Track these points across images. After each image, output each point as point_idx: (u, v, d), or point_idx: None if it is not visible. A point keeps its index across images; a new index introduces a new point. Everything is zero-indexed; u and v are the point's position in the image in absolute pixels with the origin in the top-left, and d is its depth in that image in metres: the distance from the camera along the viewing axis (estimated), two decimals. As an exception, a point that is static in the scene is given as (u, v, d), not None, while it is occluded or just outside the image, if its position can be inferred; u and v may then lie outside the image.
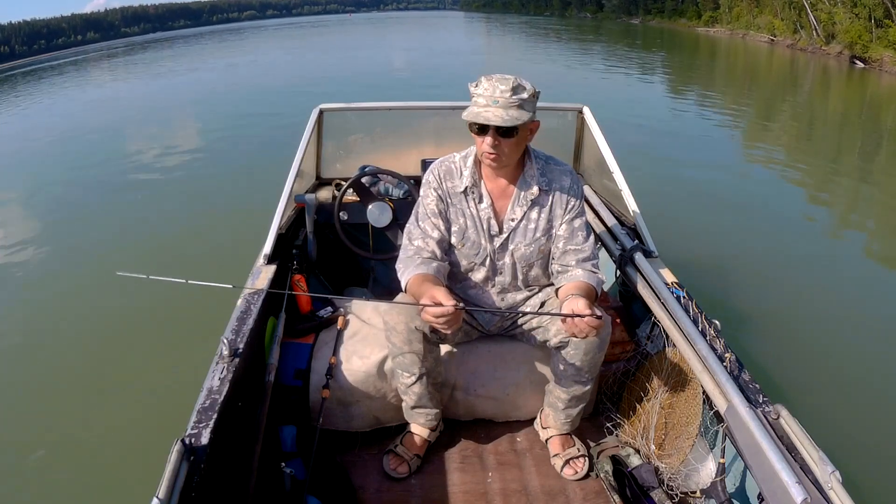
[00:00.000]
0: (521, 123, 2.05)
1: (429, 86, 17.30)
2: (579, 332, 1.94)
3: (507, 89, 2.02)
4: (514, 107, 2.03)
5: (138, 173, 9.87)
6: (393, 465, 2.50)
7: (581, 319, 1.91)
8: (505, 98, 2.02)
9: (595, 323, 1.90)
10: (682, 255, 4.31)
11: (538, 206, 2.31)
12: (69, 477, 3.40)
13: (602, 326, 1.95)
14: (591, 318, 1.89)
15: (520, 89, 2.05)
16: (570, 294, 2.07)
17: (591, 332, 1.93)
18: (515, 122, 2.02)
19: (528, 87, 2.07)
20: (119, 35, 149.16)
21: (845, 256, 6.29)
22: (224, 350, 2.18)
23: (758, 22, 40.46)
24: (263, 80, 22.57)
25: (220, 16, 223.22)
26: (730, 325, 2.70)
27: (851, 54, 27.24)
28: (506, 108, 2.02)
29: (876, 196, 8.61)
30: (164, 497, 1.55)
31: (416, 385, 2.39)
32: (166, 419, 3.20)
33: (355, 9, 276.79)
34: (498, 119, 2.01)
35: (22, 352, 4.71)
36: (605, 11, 76.58)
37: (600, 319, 1.91)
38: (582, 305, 1.93)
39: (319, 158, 3.91)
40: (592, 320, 1.89)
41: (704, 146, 10.85)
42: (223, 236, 6.50)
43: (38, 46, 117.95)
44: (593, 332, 1.93)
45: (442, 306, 1.89)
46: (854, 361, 4.22)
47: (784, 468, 1.73)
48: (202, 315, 4.06)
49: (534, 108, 2.11)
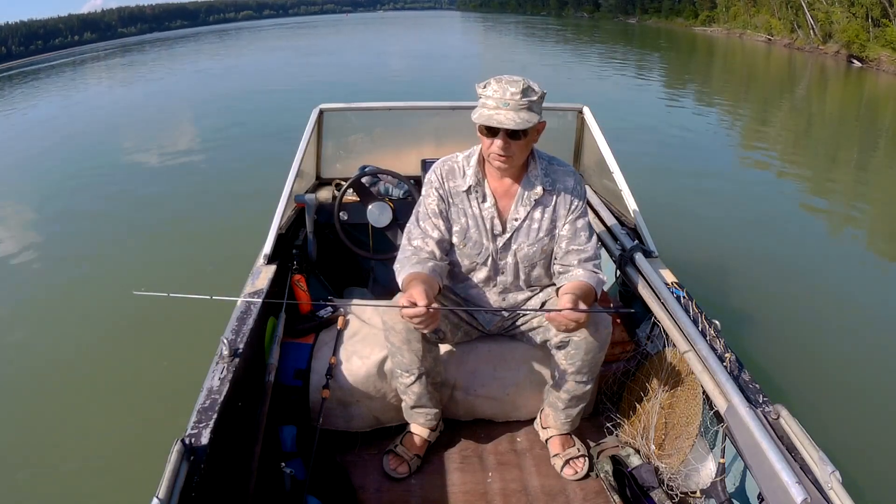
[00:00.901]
0: (532, 125, 2.05)
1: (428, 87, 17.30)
2: (558, 326, 2.02)
3: (517, 91, 2.03)
4: (525, 109, 2.04)
5: (137, 174, 9.86)
6: (393, 465, 2.50)
7: (559, 314, 1.96)
8: (515, 100, 2.03)
9: (573, 316, 1.95)
10: (682, 255, 4.32)
11: (542, 207, 2.31)
12: (69, 477, 3.40)
13: (581, 319, 1.99)
14: (568, 311, 1.94)
15: (529, 91, 2.05)
16: (566, 293, 2.09)
17: (569, 324, 1.99)
18: (527, 125, 2.03)
19: (536, 88, 2.08)
20: (116, 35, 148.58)
21: (845, 256, 6.30)
22: (224, 350, 2.18)
23: (755, 21, 40.54)
24: (254, 83, 22.42)
25: (217, 16, 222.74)
26: (730, 325, 2.70)
27: (849, 53, 27.30)
28: (517, 111, 2.03)
29: (875, 196, 8.64)
30: (164, 497, 1.55)
31: (416, 385, 2.40)
32: (166, 419, 3.20)
33: (352, 9, 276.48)
34: (510, 122, 2.02)
35: (22, 352, 4.71)
36: (602, 11, 76.70)
37: (581, 313, 1.95)
38: (565, 301, 1.98)
39: (319, 158, 3.91)
40: (570, 313, 1.94)
41: (703, 146, 10.87)
42: (223, 236, 6.49)
43: (34, 47, 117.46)
44: (572, 324, 1.98)
45: (415, 307, 1.90)
46: (854, 361, 4.22)
47: (784, 468, 1.73)
48: (202, 315, 4.06)
49: (541, 109, 2.12)
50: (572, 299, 1.99)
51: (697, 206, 7.37)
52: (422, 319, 1.92)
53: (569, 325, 2.00)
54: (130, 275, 5.80)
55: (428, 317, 1.93)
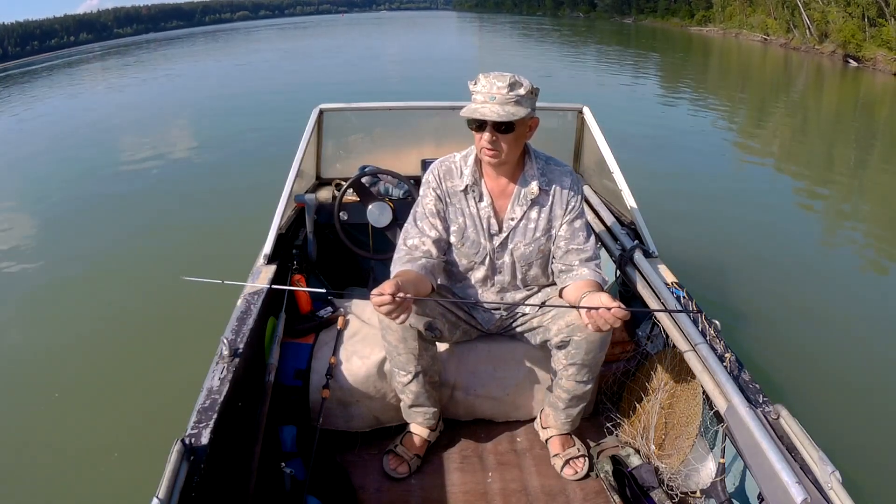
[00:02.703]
0: (519, 119, 2.07)
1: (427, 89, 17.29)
2: (603, 325, 1.91)
3: (503, 85, 2.05)
4: (511, 102, 2.05)
5: (136, 175, 9.81)
6: (393, 465, 2.50)
7: (606, 311, 1.89)
8: (502, 94, 2.04)
9: (621, 314, 1.88)
10: (682, 255, 4.33)
11: (538, 206, 2.31)
12: (69, 477, 3.39)
13: (626, 317, 1.91)
14: (617, 309, 1.87)
15: (516, 85, 2.07)
16: (585, 291, 2.06)
17: (615, 322, 1.90)
18: (512, 118, 2.04)
19: (525, 83, 2.09)
20: (112, 36, 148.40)
21: (845, 256, 6.31)
22: (224, 350, 2.18)
23: (751, 21, 40.59)
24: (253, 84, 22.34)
25: (213, 16, 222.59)
26: (730, 325, 2.70)
27: (845, 53, 27.35)
28: (502, 104, 2.04)
29: (874, 195, 8.66)
30: (164, 497, 1.54)
31: (413, 383, 2.40)
32: (166, 419, 3.19)
33: (347, 9, 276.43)
34: (494, 115, 2.03)
35: (21, 352, 4.70)
36: (598, 11, 76.63)
37: (626, 310, 1.89)
38: (605, 299, 1.91)
39: (319, 158, 3.91)
40: (619, 311, 1.88)
41: (702, 146, 10.87)
42: (223, 236, 6.49)
43: (30, 47, 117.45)
44: (618, 322, 1.90)
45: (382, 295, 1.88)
46: (854, 361, 4.23)
47: (784, 468, 1.73)
48: (202, 315, 4.06)
49: (532, 104, 2.13)
50: (609, 297, 1.93)
51: (697, 206, 7.38)
52: (390, 308, 1.89)
53: (604, 326, 1.91)
54: (131, 275, 5.81)
55: (396, 305, 1.90)
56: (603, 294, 1.97)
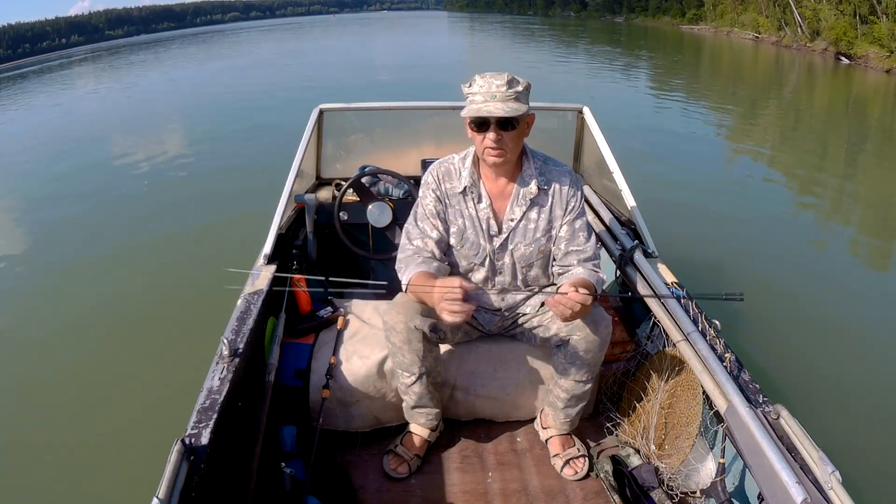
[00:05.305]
0: (521, 115, 2.08)
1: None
2: (563, 311, 1.95)
3: (502, 83, 2.06)
4: (512, 99, 2.06)
5: (137, 175, 9.79)
6: (393, 465, 2.50)
7: (563, 296, 1.93)
8: (502, 92, 2.05)
9: (578, 297, 1.91)
10: (682, 255, 4.34)
11: (537, 206, 2.31)
12: (69, 477, 3.39)
13: (586, 302, 1.94)
14: (574, 293, 1.91)
15: (514, 82, 2.08)
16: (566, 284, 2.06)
17: (575, 306, 1.93)
18: (517, 113, 2.05)
19: (521, 80, 2.11)
20: (103, 38, 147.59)
21: (845, 256, 6.33)
22: (224, 350, 2.18)
23: (742, 19, 40.69)
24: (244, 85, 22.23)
25: (204, 18, 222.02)
26: (730, 325, 2.70)
27: (837, 51, 27.47)
28: (504, 101, 2.05)
29: (873, 195, 8.67)
30: (164, 497, 1.54)
31: (416, 385, 2.39)
32: (166, 419, 3.18)
33: (339, 9, 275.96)
34: (500, 111, 2.04)
35: (21, 352, 4.69)
36: (589, 10, 76.72)
37: (586, 295, 1.93)
38: (565, 289, 1.95)
39: (319, 158, 3.91)
40: (576, 295, 1.91)
41: (699, 146, 10.91)
42: (223, 236, 6.47)
43: (22, 50, 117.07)
44: (577, 306, 1.93)
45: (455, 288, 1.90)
46: (854, 361, 4.24)
47: (784, 468, 1.74)
48: (202, 315, 4.05)
49: (528, 100, 2.14)
50: (572, 284, 1.97)
51: (697, 205, 7.38)
52: (459, 306, 1.90)
53: (565, 311, 1.95)
54: (130, 275, 5.80)
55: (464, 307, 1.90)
56: (565, 285, 2.00)
